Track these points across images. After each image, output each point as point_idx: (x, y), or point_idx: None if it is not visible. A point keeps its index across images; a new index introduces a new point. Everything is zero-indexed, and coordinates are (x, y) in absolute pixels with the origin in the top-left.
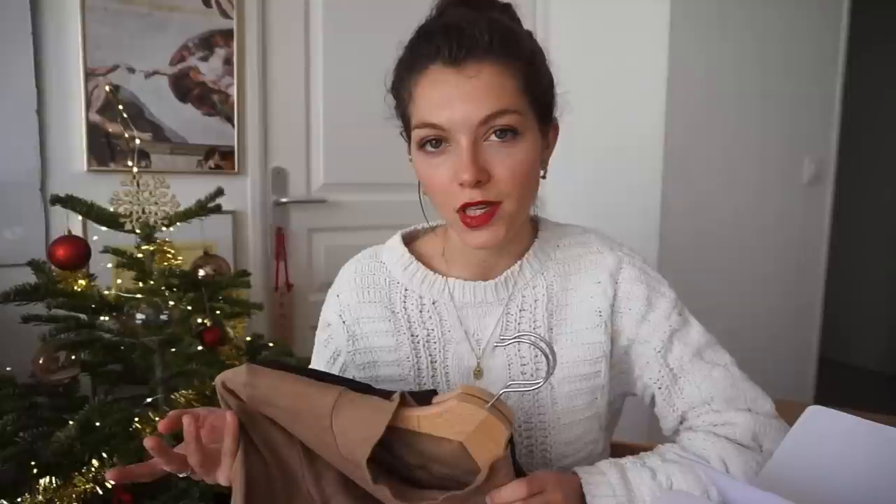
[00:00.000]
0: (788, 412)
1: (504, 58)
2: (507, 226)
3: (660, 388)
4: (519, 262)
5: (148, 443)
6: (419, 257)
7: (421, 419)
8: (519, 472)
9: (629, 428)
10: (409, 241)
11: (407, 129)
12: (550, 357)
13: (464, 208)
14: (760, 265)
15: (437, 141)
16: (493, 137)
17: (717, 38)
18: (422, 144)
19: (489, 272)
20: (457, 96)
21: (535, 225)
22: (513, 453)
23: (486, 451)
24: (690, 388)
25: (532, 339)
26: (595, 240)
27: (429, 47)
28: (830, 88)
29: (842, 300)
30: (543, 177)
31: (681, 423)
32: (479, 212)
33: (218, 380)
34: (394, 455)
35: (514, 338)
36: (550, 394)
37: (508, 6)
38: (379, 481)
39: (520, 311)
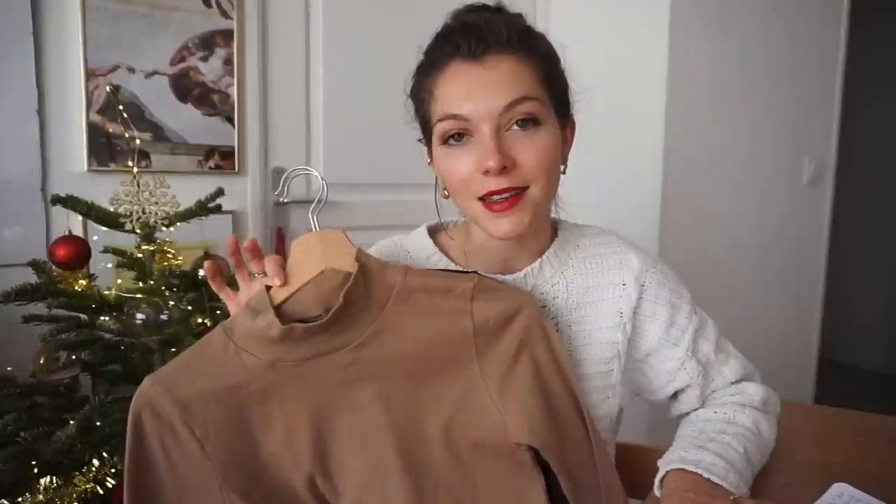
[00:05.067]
0: (788, 412)
1: (522, 52)
2: (532, 213)
3: (697, 383)
4: (539, 260)
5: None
6: (442, 250)
7: (294, 278)
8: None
9: (629, 428)
10: (433, 233)
11: (426, 131)
12: (323, 182)
13: (486, 197)
14: (760, 266)
15: (459, 134)
16: (515, 127)
17: (717, 39)
18: (444, 139)
19: (509, 270)
20: (478, 86)
21: (554, 226)
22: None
23: (343, 257)
24: (718, 377)
25: (301, 170)
26: (616, 240)
27: (448, 46)
28: (830, 89)
29: (842, 300)
30: (563, 172)
31: (701, 404)
32: (503, 198)
33: (133, 411)
34: None
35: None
36: None
37: (520, 15)
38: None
39: (539, 307)
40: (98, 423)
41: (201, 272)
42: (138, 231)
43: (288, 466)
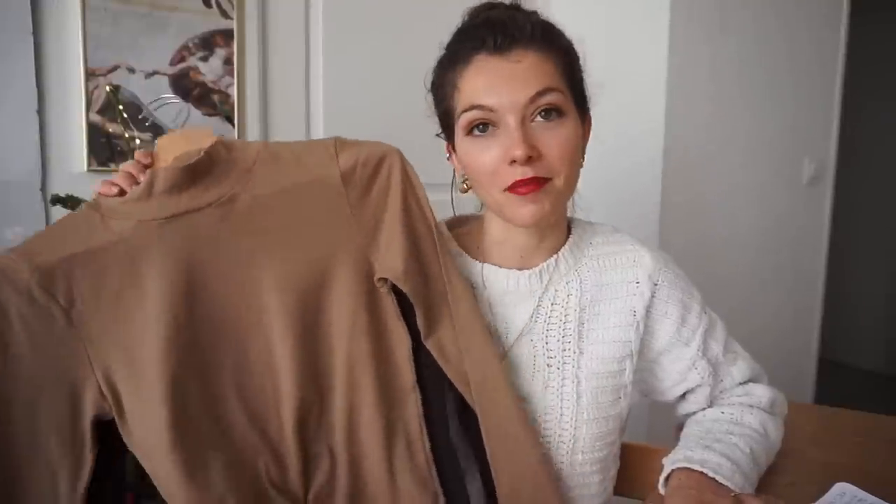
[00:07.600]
0: (788, 412)
1: (545, 46)
2: (554, 202)
3: (707, 383)
4: (555, 257)
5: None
6: (459, 243)
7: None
8: None
9: (628, 427)
10: (452, 226)
11: (447, 125)
12: None
13: (513, 186)
14: (760, 266)
15: (484, 125)
16: (539, 118)
17: (717, 38)
18: (469, 130)
19: (524, 266)
20: (504, 79)
21: (567, 224)
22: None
23: (205, 143)
24: (727, 377)
25: None
26: (629, 239)
27: (472, 40)
28: (830, 89)
29: (842, 300)
30: (581, 165)
31: (709, 404)
32: (528, 186)
33: None
34: None
35: None
36: (576, 388)
37: (536, 12)
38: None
39: (552, 304)
40: None
41: None
42: None
43: (162, 330)
